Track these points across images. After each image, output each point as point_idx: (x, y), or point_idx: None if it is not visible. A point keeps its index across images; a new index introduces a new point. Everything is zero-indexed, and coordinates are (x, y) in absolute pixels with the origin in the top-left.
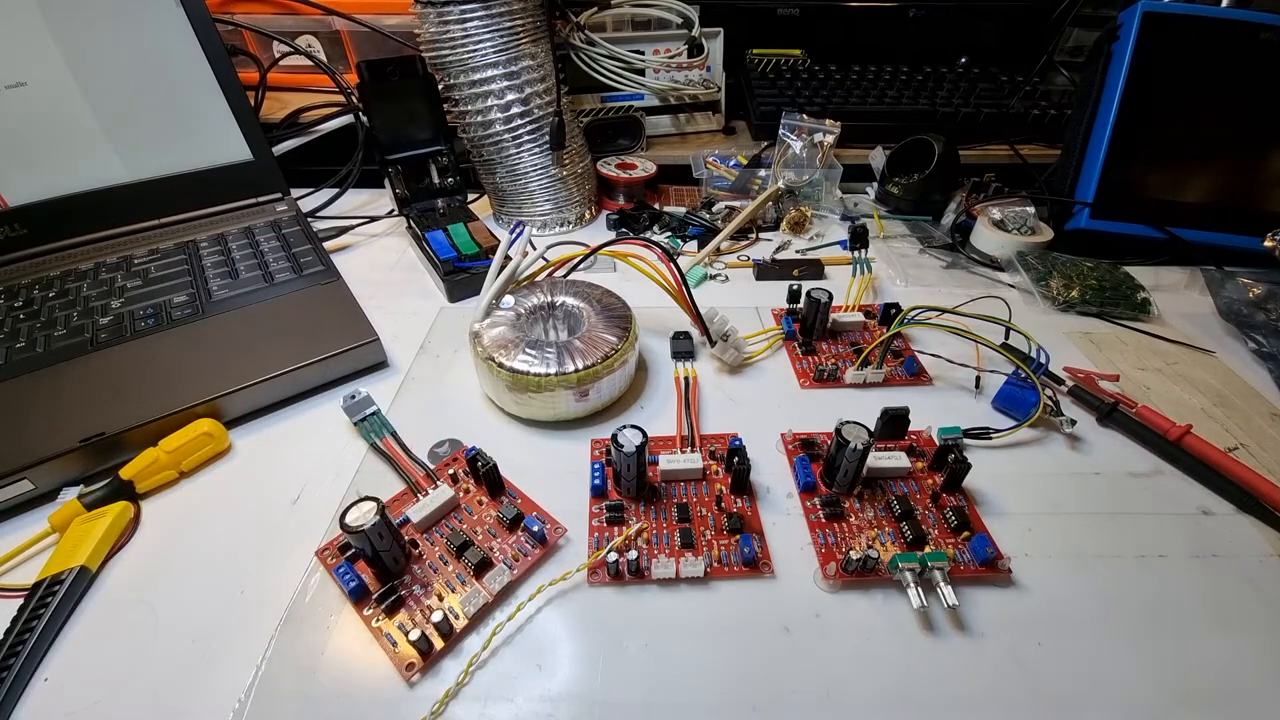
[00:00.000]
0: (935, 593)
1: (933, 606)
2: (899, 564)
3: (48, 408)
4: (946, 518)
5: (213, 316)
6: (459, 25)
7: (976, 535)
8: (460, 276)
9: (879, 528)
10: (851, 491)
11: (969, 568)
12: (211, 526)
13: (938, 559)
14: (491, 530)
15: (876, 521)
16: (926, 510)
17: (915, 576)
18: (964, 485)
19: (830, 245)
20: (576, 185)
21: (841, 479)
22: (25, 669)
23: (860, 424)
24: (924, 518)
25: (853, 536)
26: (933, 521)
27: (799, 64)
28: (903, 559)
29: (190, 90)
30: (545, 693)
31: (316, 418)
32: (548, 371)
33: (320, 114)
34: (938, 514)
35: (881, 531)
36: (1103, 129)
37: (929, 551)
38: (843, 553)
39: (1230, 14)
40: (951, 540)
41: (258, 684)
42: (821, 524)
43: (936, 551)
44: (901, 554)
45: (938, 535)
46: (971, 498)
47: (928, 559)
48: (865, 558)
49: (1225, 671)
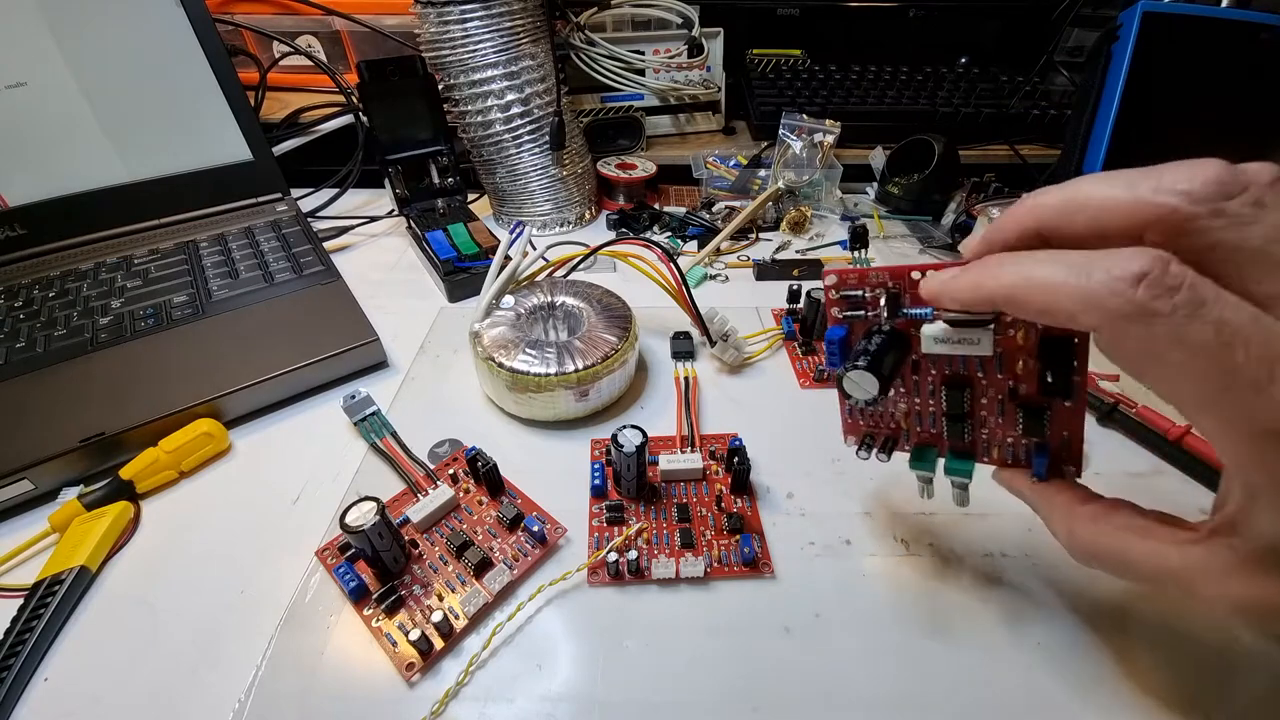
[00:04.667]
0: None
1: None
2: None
3: (48, 408)
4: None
5: (213, 316)
6: (459, 25)
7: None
8: (460, 276)
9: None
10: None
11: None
12: (211, 526)
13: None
14: (491, 530)
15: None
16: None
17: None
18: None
19: (830, 245)
20: (576, 185)
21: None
22: (25, 669)
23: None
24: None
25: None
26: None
27: (799, 64)
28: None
29: (190, 90)
30: (545, 693)
31: (316, 418)
32: (548, 371)
33: (320, 114)
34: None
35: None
36: (1103, 129)
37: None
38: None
39: (1230, 14)
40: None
41: (258, 684)
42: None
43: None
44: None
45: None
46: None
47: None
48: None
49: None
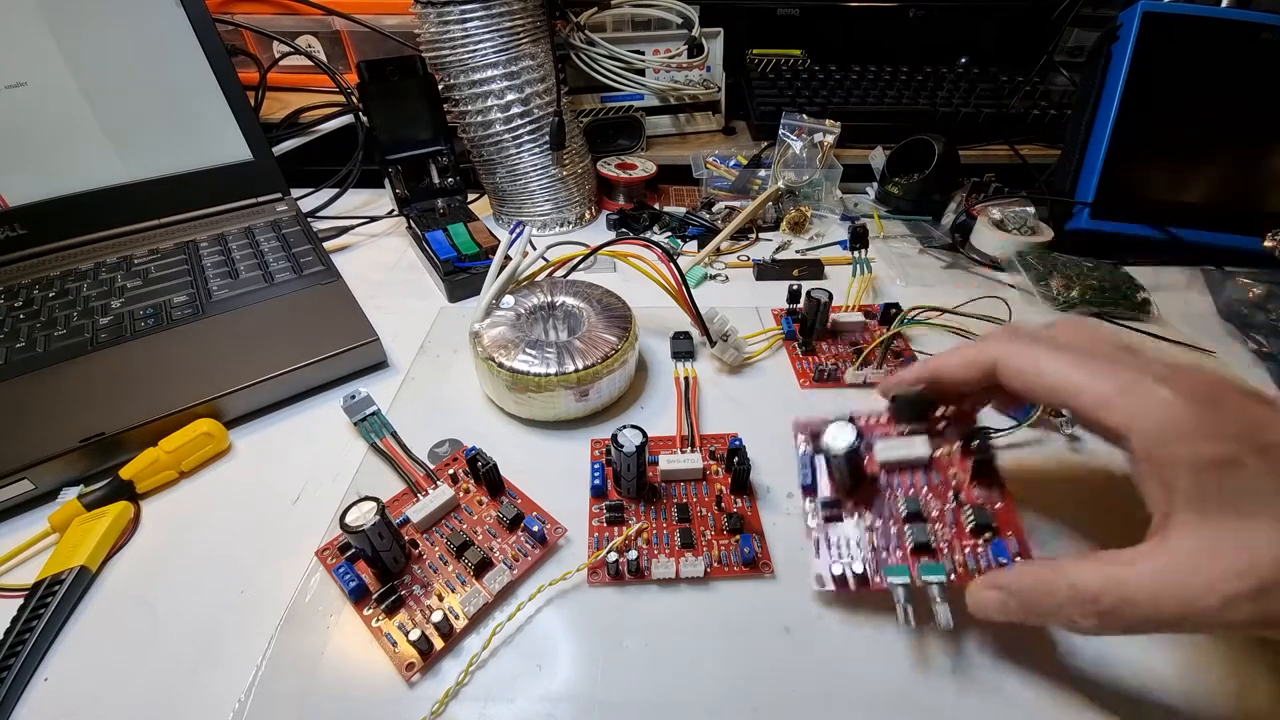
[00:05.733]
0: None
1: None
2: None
3: (48, 408)
4: (965, 517)
5: (213, 316)
6: (459, 25)
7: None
8: (460, 276)
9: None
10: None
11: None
12: (211, 526)
13: (935, 573)
14: (491, 530)
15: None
16: (945, 506)
17: (907, 592)
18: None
19: (830, 245)
20: (576, 185)
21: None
22: (25, 669)
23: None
24: (942, 515)
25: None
26: (950, 521)
27: (799, 64)
28: (893, 572)
29: (190, 90)
30: (545, 693)
31: (316, 418)
32: (548, 371)
33: (320, 114)
34: (958, 511)
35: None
36: (1103, 129)
37: (925, 564)
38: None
39: (1230, 14)
40: (970, 543)
41: (258, 684)
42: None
43: (934, 565)
44: (892, 567)
45: (953, 537)
46: (1011, 493)
47: (924, 572)
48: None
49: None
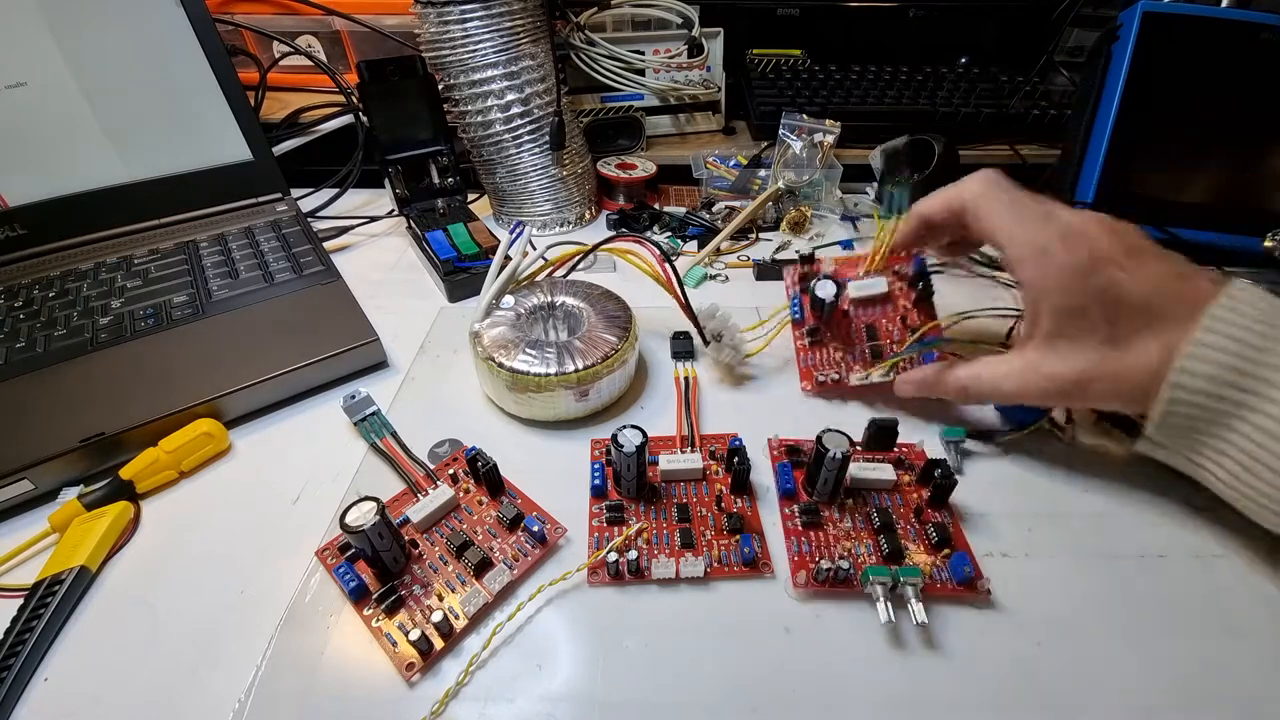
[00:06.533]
0: (906, 609)
1: (903, 621)
2: (870, 577)
3: (48, 408)
4: (928, 533)
5: (213, 316)
6: (459, 25)
7: (957, 554)
8: (460, 276)
9: (857, 539)
10: (832, 501)
11: (946, 586)
12: (211, 526)
13: (911, 574)
14: (491, 530)
15: (855, 533)
16: (909, 525)
17: (886, 591)
18: (951, 500)
19: (830, 245)
20: (576, 185)
21: (821, 488)
22: (25, 669)
23: (843, 433)
24: (905, 532)
25: (828, 546)
26: (913, 536)
27: (799, 64)
28: (874, 572)
29: (190, 90)
30: (545, 693)
31: (316, 418)
32: (548, 371)
33: (320, 114)
34: (920, 529)
35: (859, 543)
36: (1103, 129)
37: (904, 566)
38: (814, 562)
39: (1230, 14)
40: (931, 557)
41: (258, 684)
42: (798, 531)
43: (910, 567)
44: (873, 567)
45: (916, 550)
46: (957, 514)
47: (901, 574)
48: (836, 568)
49: (1227, 672)
